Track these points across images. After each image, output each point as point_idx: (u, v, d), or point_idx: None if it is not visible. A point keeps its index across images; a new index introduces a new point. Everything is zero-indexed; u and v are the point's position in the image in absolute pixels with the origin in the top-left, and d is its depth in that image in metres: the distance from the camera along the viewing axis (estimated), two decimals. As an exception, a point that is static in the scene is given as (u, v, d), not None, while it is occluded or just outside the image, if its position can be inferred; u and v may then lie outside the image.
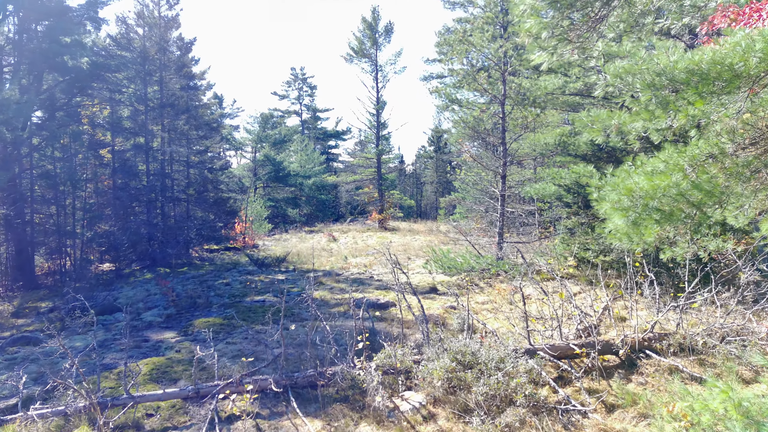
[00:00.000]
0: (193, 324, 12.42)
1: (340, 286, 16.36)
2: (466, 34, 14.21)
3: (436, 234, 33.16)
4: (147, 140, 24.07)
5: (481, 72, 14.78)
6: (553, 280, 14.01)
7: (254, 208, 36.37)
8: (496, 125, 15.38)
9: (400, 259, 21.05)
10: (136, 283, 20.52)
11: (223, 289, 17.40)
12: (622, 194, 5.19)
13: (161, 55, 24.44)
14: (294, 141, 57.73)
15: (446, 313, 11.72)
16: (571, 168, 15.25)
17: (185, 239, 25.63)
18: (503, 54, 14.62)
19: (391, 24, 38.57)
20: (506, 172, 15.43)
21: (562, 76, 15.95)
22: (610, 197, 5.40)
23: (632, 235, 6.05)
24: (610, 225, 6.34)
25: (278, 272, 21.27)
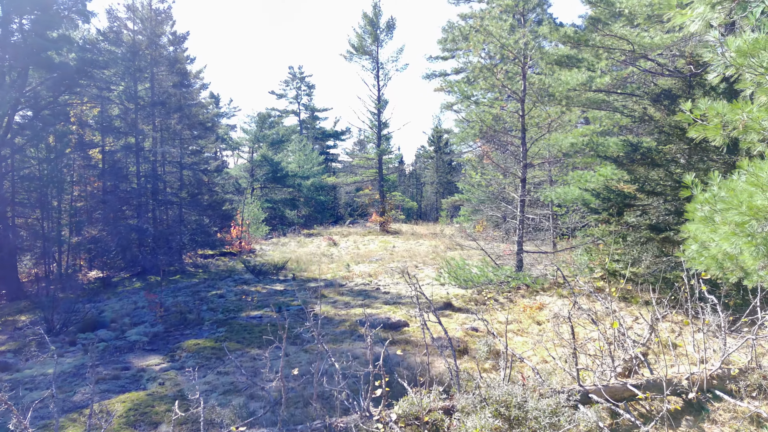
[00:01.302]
0: (181, 347, 11.06)
1: (345, 300, 15.01)
2: (484, 22, 12.87)
3: (440, 238, 31.82)
4: (137, 140, 22.69)
5: (499, 65, 13.47)
6: (586, 297, 12.68)
7: (251, 211, 35.00)
8: (515, 124, 14.06)
9: (408, 268, 19.72)
10: (124, 294, 19.14)
11: (216, 302, 16.04)
12: (746, 214, 3.84)
13: (152, 50, 23.06)
14: (292, 141, 56.39)
15: (467, 335, 10.38)
16: (599, 171, 13.94)
17: (178, 245, 24.25)
18: (524, 46, 13.29)
19: (392, 19, 37.26)
20: (526, 175, 14.10)
21: (586, 71, 14.64)
22: (728, 216, 4.03)
23: (728, 262, 4.71)
24: (693, 247, 5.00)
25: (276, 281, 19.90)
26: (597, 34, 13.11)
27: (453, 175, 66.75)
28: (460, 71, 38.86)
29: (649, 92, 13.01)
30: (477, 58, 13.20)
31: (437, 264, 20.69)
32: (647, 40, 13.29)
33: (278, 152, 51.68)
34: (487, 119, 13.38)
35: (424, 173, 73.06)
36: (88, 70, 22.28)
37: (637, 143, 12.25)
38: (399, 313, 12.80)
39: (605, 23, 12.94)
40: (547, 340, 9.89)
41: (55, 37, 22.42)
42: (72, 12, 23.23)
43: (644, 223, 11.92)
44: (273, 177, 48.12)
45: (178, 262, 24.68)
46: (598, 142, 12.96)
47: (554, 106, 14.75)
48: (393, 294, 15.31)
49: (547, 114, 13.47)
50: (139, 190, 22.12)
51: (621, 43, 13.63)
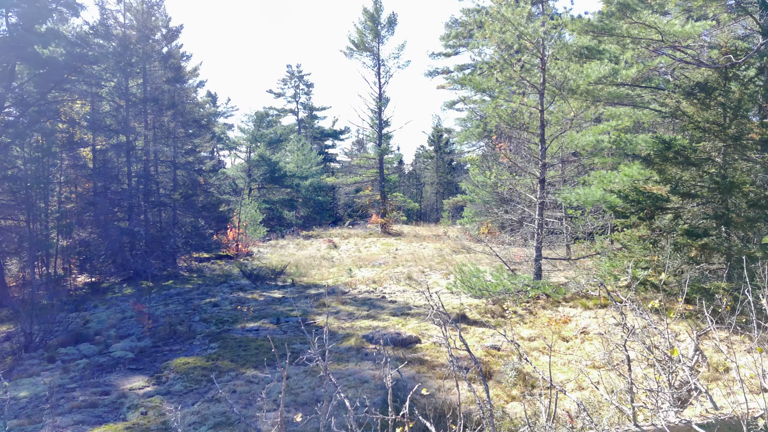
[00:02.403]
0: (168, 366, 9.96)
1: (348, 309, 13.92)
2: (501, 8, 11.78)
3: (444, 240, 30.75)
4: (129, 139, 21.57)
5: (516, 56, 12.38)
6: (607, 307, 11.60)
7: (248, 212, 33.89)
8: (533, 120, 12.98)
9: (414, 273, 18.64)
10: (113, 301, 18.03)
11: (210, 312, 14.94)
12: None
13: (144, 45, 21.94)
14: (290, 140, 55.27)
15: (488, 355, 9.28)
16: (624, 170, 12.88)
17: (172, 248, 23.14)
18: (543, 35, 12.21)
19: (394, 15, 36.19)
20: (545, 175, 13.02)
21: (608, 63, 13.58)
22: None
23: None
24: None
25: (274, 287, 18.81)
26: (624, 22, 12.05)
27: (453, 174, 65.66)
28: (464, 68, 37.81)
29: (680, 85, 11.94)
30: (493, 47, 12.09)
31: (444, 269, 19.62)
32: (677, 28, 12.24)
33: (276, 152, 50.60)
34: (504, 114, 12.31)
35: (423, 173, 72.00)
36: (78, 65, 21.18)
37: (670, 140, 11.18)
38: (409, 326, 11.71)
39: (634, 9, 11.87)
40: (578, 361, 8.81)
41: (43, 31, 21.32)
42: (60, 5, 22.11)
43: (680, 229, 10.85)
44: (271, 177, 47.07)
45: (172, 265, 23.57)
46: (626, 140, 11.89)
47: (575, 100, 13.69)
48: (400, 303, 14.21)
49: (569, 107, 12.40)
50: (131, 191, 21.02)
51: (649, 32, 12.58)
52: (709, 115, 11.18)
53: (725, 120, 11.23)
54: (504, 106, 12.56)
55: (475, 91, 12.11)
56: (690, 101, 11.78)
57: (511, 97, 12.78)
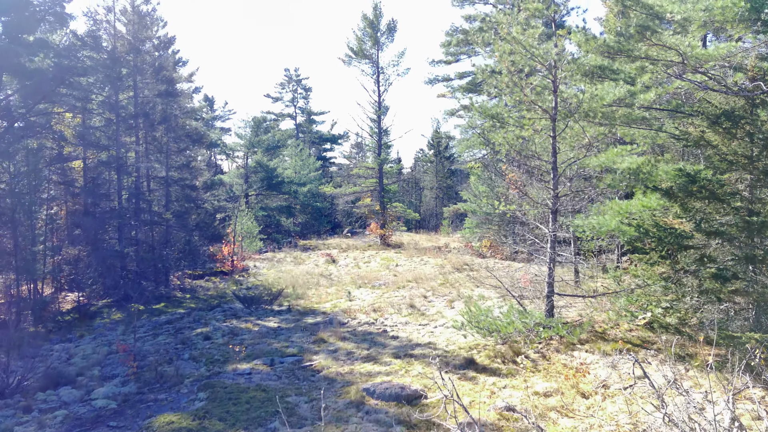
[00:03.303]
0: (152, 425, 9.10)
1: (347, 347, 13.08)
2: (511, 29, 10.97)
3: (445, 254, 29.93)
4: (119, 155, 20.70)
5: (529, 79, 11.56)
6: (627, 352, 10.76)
7: (244, 224, 33.01)
8: (544, 146, 12.19)
9: (416, 299, 17.80)
10: (101, 329, 17.19)
11: (200, 347, 14.08)
12: None
13: (134, 57, 21.08)
14: (288, 146, 54.40)
15: (502, 419, 8.43)
16: (642, 200, 12.02)
17: (164, 266, 22.28)
18: (557, 57, 11.39)
19: (394, 22, 35.35)
20: (558, 206, 12.20)
21: (624, 84, 12.76)
22: None
23: None
24: None
25: (270, 313, 17.98)
26: (643, 44, 11.23)
27: (453, 179, 64.83)
28: (464, 75, 37.02)
29: (704, 111, 11.13)
30: (504, 71, 11.26)
31: (448, 292, 18.80)
32: (699, 50, 11.40)
33: (274, 158, 49.72)
34: (515, 142, 11.50)
35: (423, 177, 71.12)
36: (66, 77, 20.36)
37: (695, 174, 10.36)
38: (413, 372, 10.87)
39: (654, 31, 11.05)
40: (600, 425, 7.99)
41: (31, 41, 20.49)
42: (48, 14, 21.25)
43: (707, 272, 10.03)
44: (268, 184, 46.26)
45: (164, 283, 22.72)
46: (646, 171, 11.06)
47: (589, 123, 12.88)
48: (402, 340, 13.37)
49: (584, 135, 11.57)
50: (121, 210, 20.16)
51: (669, 53, 11.76)
52: (736, 146, 10.38)
53: (753, 151, 10.43)
54: (513, 133, 11.74)
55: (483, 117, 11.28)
56: (714, 130, 10.98)
57: (520, 122, 11.95)
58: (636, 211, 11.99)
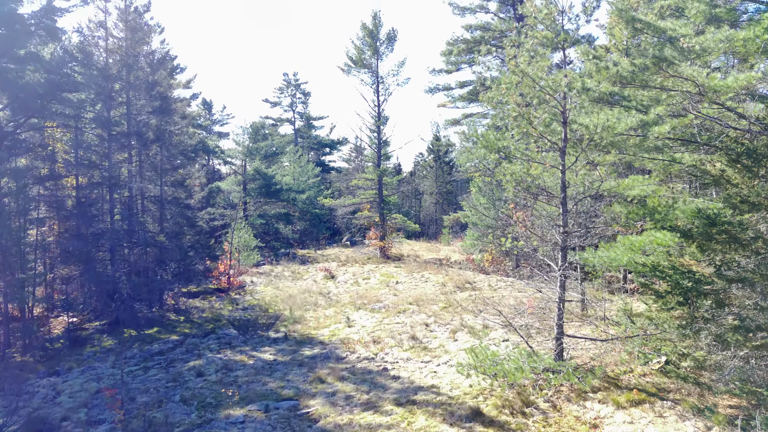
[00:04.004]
0: (136, 493, 8.48)
1: (346, 390, 12.46)
2: (518, 60, 10.36)
3: (447, 269, 29.28)
4: (111, 174, 20.07)
5: (537, 111, 10.95)
6: (644, 404, 10.15)
7: (241, 237, 32.34)
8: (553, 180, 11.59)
9: (417, 328, 17.18)
10: (91, 360, 16.57)
11: (193, 385, 13.46)
12: None
13: (127, 74, 20.45)
14: (287, 153, 53.77)
15: (513, 491, 7.83)
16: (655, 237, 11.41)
17: (158, 287, 21.65)
18: (567, 88, 10.78)
19: (394, 31, 34.70)
20: (567, 243, 11.59)
21: (636, 113, 12.17)
22: None
23: None
24: None
25: (266, 342, 17.35)
26: (659, 76, 10.64)
27: (453, 184, 64.20)
28: (465, 85, 36.45)
29: (723, 147, 10.54)
30: (512, 104, 10.66)
31: (450, 319, 18.19)
32: (717, 81, 10.80)
33: (272, 164, 49.08)
34: (526, 178, 10.90)
35: (423, 182, 70.39)
36: (57, 93, 19.78)
37: (715, 216, 9.76)
38: (416, 425, 10.25)
39: (671, 63, 10.45)
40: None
41: (21, 54, 19.92)
42: (39, 28, 20.64)
43: (729, 324, 9.43)
44: (267, 191, 45.67)
45: (159, 303, 22.11)
46: (661, 210, 10.45)
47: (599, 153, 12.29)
48: (404, 381, 12.75)
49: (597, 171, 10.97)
50: (113, 232, 19.51)
51: (685, 84, 11.18)
52: (758, 187, 9.78)
53: None
54: (521, 170, 11.13)
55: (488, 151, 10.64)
56: (735, 168, 10.38)
57: (527, 155, 11.34)
58: (649, 248, 11.39)
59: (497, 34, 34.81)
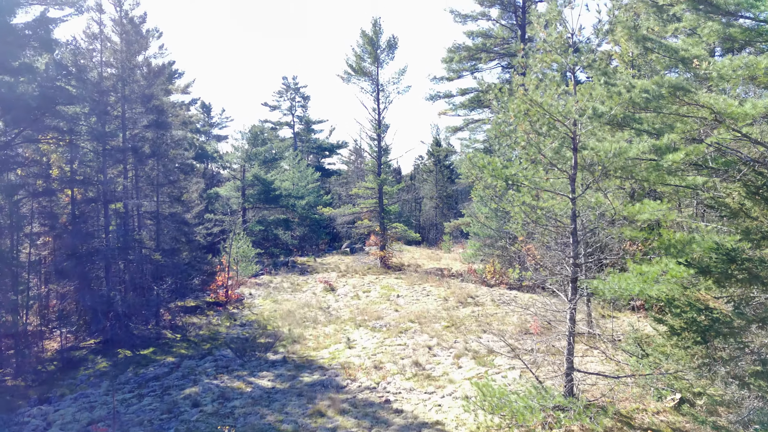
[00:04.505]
0: None
1: (346, 426, 11.99)
2: (528, 89, 9.92)
3: (449, 282, 28.79)
4: (106, 189, 19.59)
5: (548, 139, 10.50)
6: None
7: (240, 246, 31.84)
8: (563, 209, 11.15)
9: (420, 351, 16.74)
10: (84, 386, 16.09)
11: (188, 417, 13.01)
12: None
13: (123, 87, 19.98)
14: (286, 158, 53.28)
15: None
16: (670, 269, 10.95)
17: (155, 303, 21.18)
18: (578, 115, 10.33)
19: (394, 38, 34.22)
20: (578, 275, 11.14)
21: (648, 137, 11.74)
22: None
23: None
24: None
25: (264, 365, 16.89)
26: (676, 105, 10.19)
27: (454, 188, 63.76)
28: (466, 92, 36.05)
29: (741, 178, 10.10)
30: (521, 132, 10.20)
31: (453, 339, 17.75)
32: (735, 108, 10.35)
33: (271, 169, 48.62)
34: (535, 213, 10.46)
35: (423, 186, 69.88)
36: (51, 106, 19.34)
37: (735, 253, 9.31)
38: (420, 469, 9.81)
39: (688, 91, 10.00)
40: None
41: (15, 66, 19.49)
42: (33, 40, 20.21)
43: (749, 369, 8.98)
44: (266, 197, 45.23)
45: (155, 319, 21.63)
46: (677, 243, 9.99)
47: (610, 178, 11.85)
48: (407, 415, 12.28)
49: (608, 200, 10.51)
50: (107, 250, 19.03)
51: (702, 111, 10.72)
52: (780, 222, 9.33)
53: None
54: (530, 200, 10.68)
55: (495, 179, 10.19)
56: (754, 200, 9.93)
57: (535, 182, 10.88)
58: (661, 277, 10.94)
59: (499, 41, 34.43)
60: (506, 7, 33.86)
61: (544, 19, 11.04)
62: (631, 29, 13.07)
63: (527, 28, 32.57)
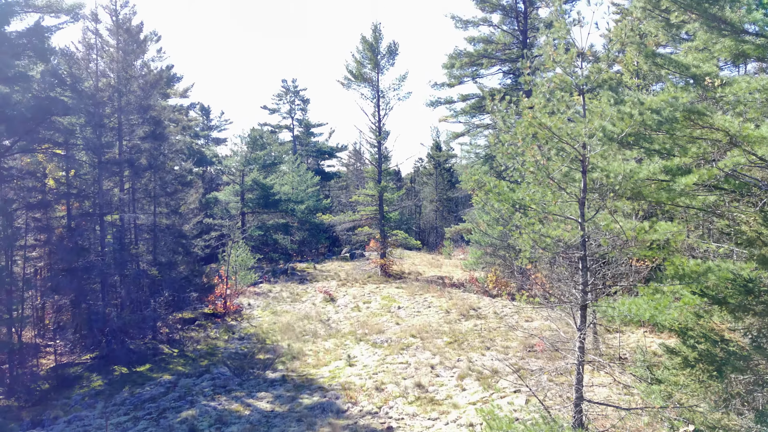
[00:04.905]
0: None
1: (348, 455, 11.62)
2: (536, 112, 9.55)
3: (450, 292, 28.43)
4: (102, 203, 19.21)
5: (557, 162, 10.13)
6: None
7: (239, 255, 31.44)
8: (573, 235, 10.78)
9: (422, 370, 16.37)
10: (78, 407, 15.71)
11: (185, 445, 12.64)
12: None
13: (119, 99, 19.60)
14: (285, 162, 52.89)
15: None
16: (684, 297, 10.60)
17: (151, 317, 20.80)
18: (588, 138, 9.95)
19: (394, 44, 33.89)
20: (587, 302, 10.77)
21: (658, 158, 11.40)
22: None
23: None
24: None
25: (263, 385, 16.52)
26: (692, 130, 9.83)
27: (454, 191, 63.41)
28: (467, 98, 35.64)
29: (756, 203, 9.73)
30: (529, 158, 9.83)
31: (456, 357, 17.39)
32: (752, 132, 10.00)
33: (271, 173, 48.25)
34: (543, 240, 10.11)
35: (423, 189, 69.52)
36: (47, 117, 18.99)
37: (753, 284, 8.93)
38: None
39: (702, 114, 9.64)
40: None
41: (9, 76, 19.15)
42: (28, 49, 19.86)
43: (770, 407, 8.63)
44: (265, 202, 44.88)
45: (152, 332, 21.25)
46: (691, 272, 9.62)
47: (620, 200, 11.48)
48: (410, 443, 11.93)
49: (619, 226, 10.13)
50: (103, 266, 18.65)
51: (716, 134, 10.37)
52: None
53: None
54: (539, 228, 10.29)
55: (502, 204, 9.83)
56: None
57: (543, 206, 10.50)
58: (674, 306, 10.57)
59: (501, 47, 34.04)
60: (508, 12, 33.47)
61: (552, 37, 10.68)
62: (640, 45, 12.72)
63: (529, 33, 32.20)
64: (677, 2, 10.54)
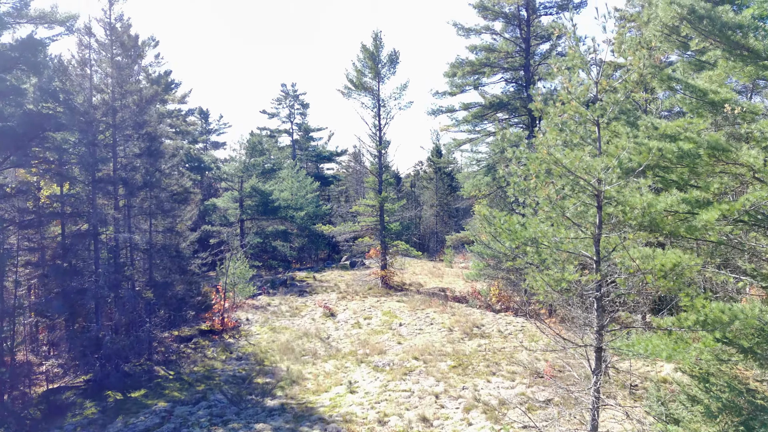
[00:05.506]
0: None
1: (351, 502, 11.08)
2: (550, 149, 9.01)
3: (452, 305, 27.89)
4: (95, 223, 18.64)
5: (571, 200, 9.59)
6: None
7: (237, 267, 30.87)
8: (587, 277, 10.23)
9: (426, 401, 15.83)
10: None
11: (179, 488, 12.09)
12: None
13: (113, 116, 19.04)
14: (285, 167, 52.30)
15: None
16: (703, 339, 10.09)
17: (147, 338, 20.25)
18: (604, 174, 9.40)
19: (395, 52, 33.35)
20: (602, 343, 10.22)
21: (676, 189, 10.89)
22: None
23: None
24: None
25: (261, 415, 15.98)
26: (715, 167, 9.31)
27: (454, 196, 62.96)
28: (469, 107, 35.06)
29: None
30: (543, 197, 9.29)
31: (461, 385, 16.87)
32: (776, 166, 9.47)
33: (270, 179, 47.66)
34: (558, 285, 9.55)
35: (423, 193, 68.99)
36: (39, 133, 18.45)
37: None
38: None
39: (727, 150, 9.11)
40: None
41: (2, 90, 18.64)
42: (20, 62, 19.28)
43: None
44: (264, 209, 44.33)
45: (147, 353, 20.68)
46: (714, 318, 9.08)
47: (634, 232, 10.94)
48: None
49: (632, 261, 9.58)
50: (97, 289, 18.08)
51: (739, 168, 9.84)
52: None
53: None
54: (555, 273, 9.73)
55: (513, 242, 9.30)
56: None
57: (558, 246, 9.95)
58: (693, 349, 10.04)
59: (503, 55, 33.48)
60: (510, 20, 32.90)
61: (566, 66, 10.14)
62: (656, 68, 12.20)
63: (532, 42, 31.67)
64: (698, 29, 10.00)
